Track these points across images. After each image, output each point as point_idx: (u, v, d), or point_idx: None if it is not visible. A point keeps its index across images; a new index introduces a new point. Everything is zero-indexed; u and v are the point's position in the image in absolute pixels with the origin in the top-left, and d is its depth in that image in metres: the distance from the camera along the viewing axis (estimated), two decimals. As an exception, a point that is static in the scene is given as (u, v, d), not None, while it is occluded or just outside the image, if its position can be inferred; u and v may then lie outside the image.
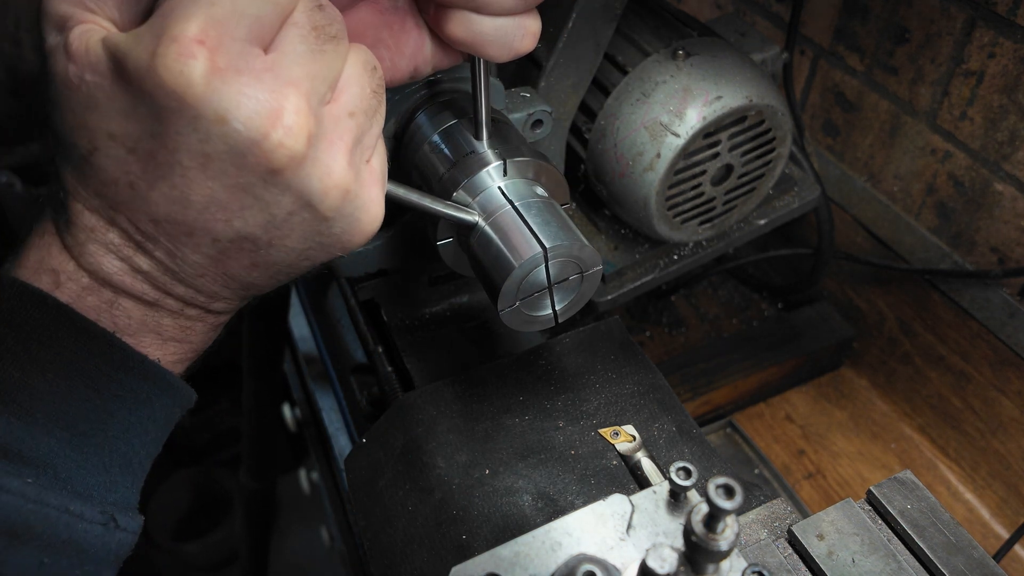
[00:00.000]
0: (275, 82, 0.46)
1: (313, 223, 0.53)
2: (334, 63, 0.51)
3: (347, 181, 0.52)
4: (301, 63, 0.48)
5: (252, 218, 0.50)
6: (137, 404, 0.56)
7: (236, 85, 0.45)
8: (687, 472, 0.55)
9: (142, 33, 0.45)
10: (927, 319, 1.41)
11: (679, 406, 0.88)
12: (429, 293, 1.07)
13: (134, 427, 0.56)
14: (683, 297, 1.67)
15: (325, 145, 0.50)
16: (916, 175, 1.37)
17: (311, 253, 0.56)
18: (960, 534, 0.66)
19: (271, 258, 0.55)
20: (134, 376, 0.56)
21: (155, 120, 0.45)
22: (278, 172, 0.48)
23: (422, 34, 0.63)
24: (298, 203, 0.51)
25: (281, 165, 0.47)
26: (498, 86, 0.87)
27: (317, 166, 0.49)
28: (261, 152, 0.46)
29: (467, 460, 0.81)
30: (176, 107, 0.44)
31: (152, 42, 0.44)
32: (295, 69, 0.48)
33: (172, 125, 0.45)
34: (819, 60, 1.48)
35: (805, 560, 0.66)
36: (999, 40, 1.16)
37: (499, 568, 0.54)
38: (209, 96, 0.44)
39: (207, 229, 0.51)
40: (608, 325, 0.96)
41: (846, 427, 1.49)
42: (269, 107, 0.46)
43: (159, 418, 0.59)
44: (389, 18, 0.61)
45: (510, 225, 0.71)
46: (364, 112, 0.53)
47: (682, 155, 1.06)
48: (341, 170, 0.51)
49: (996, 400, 1.33)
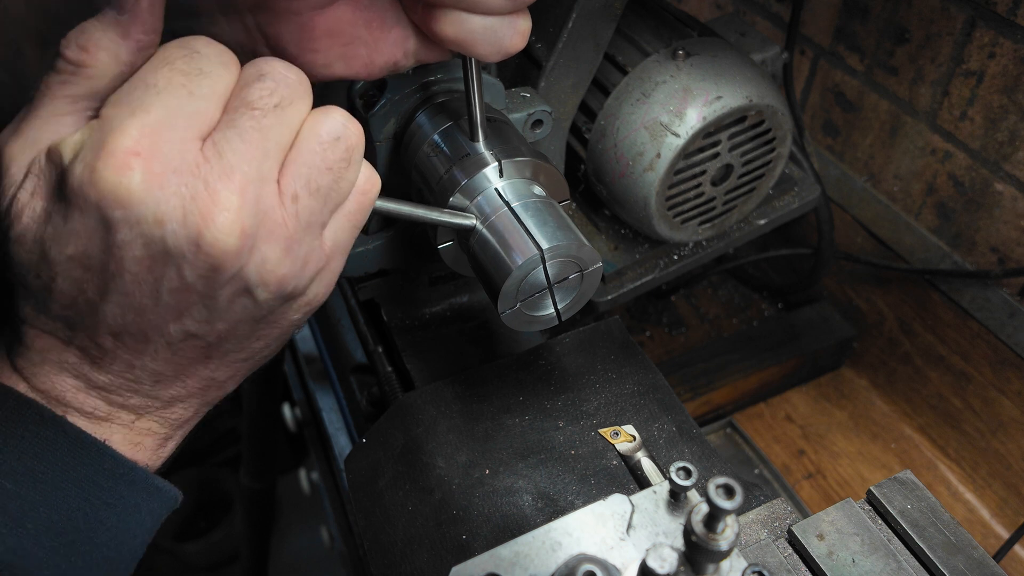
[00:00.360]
0: (210, 174, 0.47)
1: (255, 310, 0.53)
2: (280, 136, 0.50)
3: (284, 270, 0.51)
4: (238, 147, 0.48)
5: (199, 314, 0.51)
6: (126, 511, 0.56)
7: (172, 187, 0.46)
8: (687, 472, 0.55)
9: (82, 146, 0.46)
10: (927, 319, 1.41)
11: (679, 406, 0.88)
12: (429, 293, 1.07)
13: (123, 533, 0.56)
14: (683, 297, 1.67)
15: (263, 235, 0.49)
16: (916, 175, 1.37)
17: (263, 337, 0.56)
18: (960, 534, 0.66)
19: (224, 349, 0.55)
20: (124, 483, 0.55)
21: (104, 231, 0.46)
22: (216, 268, 0.48)
23: (404, 30, 0.62)
24: (238, 294, 0.51)
25: (217, 262, 0.48)
26: (498, 86, 0.87)
27: (253, 257, 0.49)
28: (198, 250, 0.47)
29: (467, 460, 0.81)
30: (120, 216, 0.46)
31: (92, 156, 0.45)
32: (231, 156, 0.48)
33: (118, 234, 0.46)
34: (819, 60, 1.48)
35: (805, 560, 0.66)
36: (999, 40, 1.16)
37: (499, 568, 0.54)
38: (147, 202, 0.45)
39: (161, 332, 0.51)
40: (608, 325, 0.96)
41: (846, 427, 1.49)
42: (202, 205, 0.46)
43: (146, 522, 0.58)
44: (368, 14, 0.60)
45: (507, 227, 0.71)
46: (313, 193, 0.52)
47: (682, 155, 1.06)
48: (276, 260, 0.51)
49: (996, 400, 1.33)
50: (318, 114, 0.53)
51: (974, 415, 1.38)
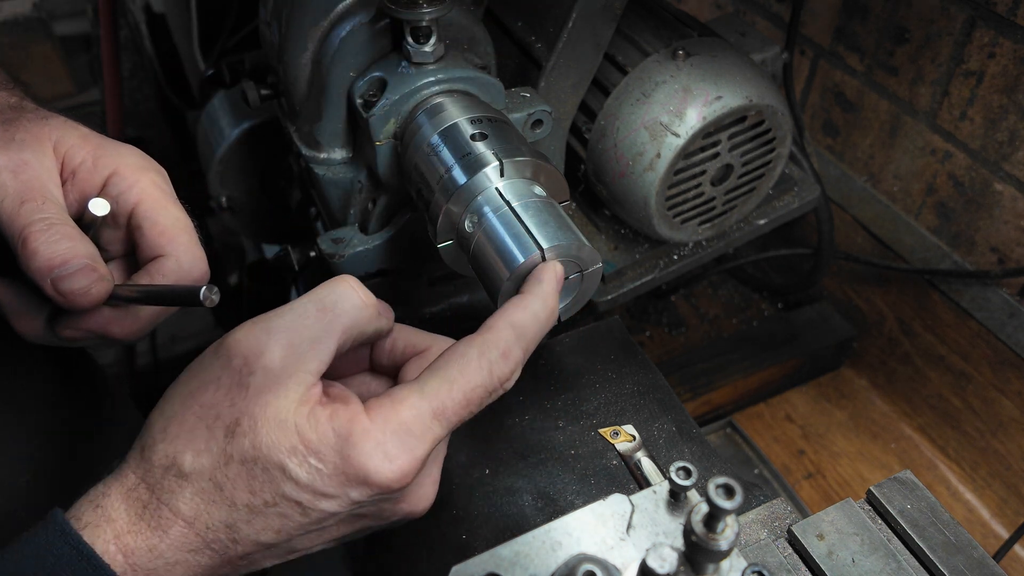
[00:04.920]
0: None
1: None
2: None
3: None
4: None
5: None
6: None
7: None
8: (687, 472, 0.55)
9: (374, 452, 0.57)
10: (927, 319, 1.41)
11: (679, 406, 0.88)
12: (429, 293, 1.07)
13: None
14: (683, 297, 1.67)
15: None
16: (916, 175, 1.37)
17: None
18: (960, 534, 0.66)
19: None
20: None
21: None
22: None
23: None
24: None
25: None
26: (498, 86, 0.87)
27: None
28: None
29: (467, 460, 0.81)
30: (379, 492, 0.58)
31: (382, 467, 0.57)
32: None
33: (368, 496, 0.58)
34: (819, 60, 1.48)
35: (805, 560, 0.66)
36: (999, 40, 1.16)
37: (499, 568, 0.54)
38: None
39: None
40: (608, 325, 0.96)
41: (846, 427, 1.49)
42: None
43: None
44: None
45: (508, 226, 0.71)
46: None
47: (682, 155, 1.06)
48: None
49: (996, 400, 1.33)
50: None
51: (974, 415, 1.38)
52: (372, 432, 0.57)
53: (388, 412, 0.58)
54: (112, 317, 0.69)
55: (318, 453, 0.56)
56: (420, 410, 0.58)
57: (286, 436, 0.56)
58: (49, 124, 0.70)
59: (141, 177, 0.70)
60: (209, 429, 0.57)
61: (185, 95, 2.04)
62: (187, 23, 1.59)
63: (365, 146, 0.89)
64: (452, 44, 0.87)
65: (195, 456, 0.56)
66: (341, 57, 0.86)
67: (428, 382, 0.60)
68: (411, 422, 0.58)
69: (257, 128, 1.31)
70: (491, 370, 0.61)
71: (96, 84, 2.45)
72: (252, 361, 0.58)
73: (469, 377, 0.60)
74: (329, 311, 0.61)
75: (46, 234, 0.63)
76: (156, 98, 2.24)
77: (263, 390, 0.57)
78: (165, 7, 1.99)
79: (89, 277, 0.63)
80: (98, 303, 0.65)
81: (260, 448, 0.56)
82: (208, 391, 0.58)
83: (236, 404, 0.57)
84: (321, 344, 0.60)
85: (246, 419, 0.56)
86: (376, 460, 0.56)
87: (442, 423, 0.59)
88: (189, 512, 0.56)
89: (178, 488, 0.56)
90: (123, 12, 2.06)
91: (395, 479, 0.57)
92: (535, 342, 0.65)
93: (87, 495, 0.58)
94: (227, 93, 1.35)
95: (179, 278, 0.69)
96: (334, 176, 0.93)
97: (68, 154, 0.69)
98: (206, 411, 0.57)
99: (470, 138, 0.77)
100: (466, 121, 0.79)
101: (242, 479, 0.56)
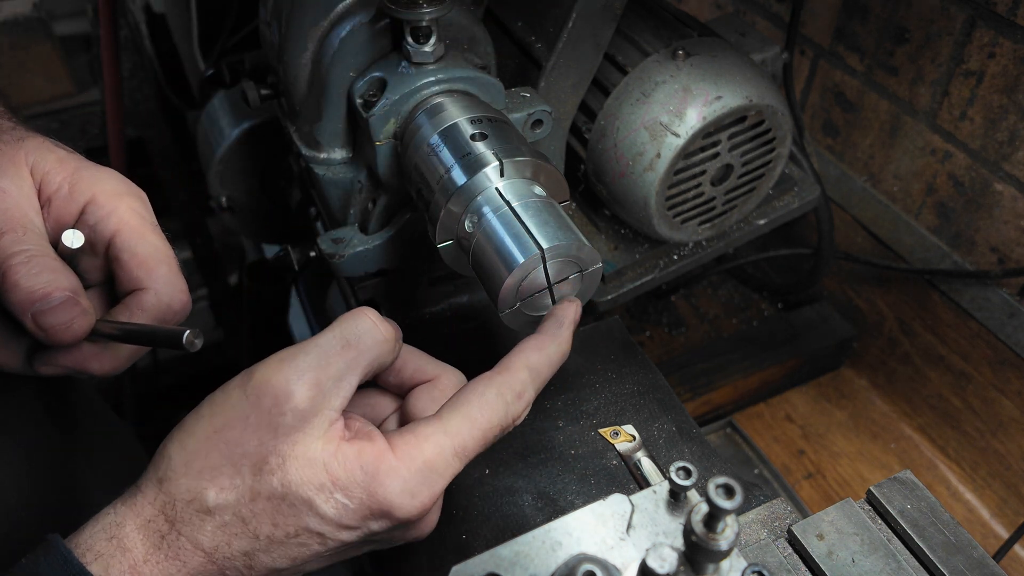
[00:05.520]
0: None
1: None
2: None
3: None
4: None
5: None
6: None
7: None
8: (687, 472, 0.55)
9: (406, 493, 0.59)
10: (927, 319, 1.41)
11: (679, 406, 0.88)
12: (429, 293, 1.07)
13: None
14: (683, 297, 1.67)
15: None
16: (916, 175, 1.37)
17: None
18: (960, 534, 0.66)
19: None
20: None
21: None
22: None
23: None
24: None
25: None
26: (498, 86, 0.87)
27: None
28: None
29: (467, 460, 0.81)
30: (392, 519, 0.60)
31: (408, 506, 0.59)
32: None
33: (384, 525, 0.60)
34: (819, 60, 1.48)
35: (805, 560, 0.66)
36: (999, 40, 1.16)
37: (499, 568, 0.54)
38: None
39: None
40: (608, 325, 0.96)
41: (846, 427, 1.49)
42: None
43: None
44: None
45: (508, 226, 0.71)
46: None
47: (682, 155, 1.06)
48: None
49: (996, 400, 1.33)
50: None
51: (974, 415, 1.38)
52: (399, 471, 0.58)
53: (413, 450, 0.59)
54: (91, 353, 0.68)
55: (346, 490, 0.57)
56: (443, 448, 0.60)
57: (315, 474, 0.57)
58: (24, 147, 0.68)
59: (119, 204, 0.68)
60: (235, 466, 0.57)
61: (185, 95, 2.04)
62: (187, 23, 1.59)
63: (365, 146, 0.89)
64: (452, 44, 0.87)
65: (219, 492, 0.57)
66: (341, 57, 0.86)
67: (450, 420, 0.61)
68: (435, 459, 0.59)
69: (257, 128, 1.31)
70: (507, 411, 0.63)
71: (96, 84, 2.45)
72: (282, 403, 0.58)
73: (488, 416, 0.62)
74: (353, 348, 0.62)
75: (27, 266, 0.62)
76: (156, 98, 2.24)
77: (292, 431, 0.58)
78: (165, 7, 2.00)
79: (71, 312, 0.62)
80: (79, 339, 0.64)
81: (289, 486, 0.57)
82: (235, 429, 0.58)
83: (265, 443, 0.57)
84: (344, 381, 0.61)
85: (274, 458, 0.57)
86: (402, 497, 0.58)
87: (461, 459, 0.61)
88: (210, 545, 0.57)
89: (199, 522, 0.57)
90: (123, 12, 2.06)
91: (416, 513, 0.59)
92: (546, 381, 0.67)
93: (96, 524, 0.58)
94: (227, 93, 1.35)
95: (158, 312, 0.67)
96: (334, 176, 0.93)
97: (45, 180, 0.67)
98: (232, 449, 0.58)
99: (470, 138, 0.77)
100: (466, 121, 0.79)
101: (267, 514, 0.57)
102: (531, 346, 0.67)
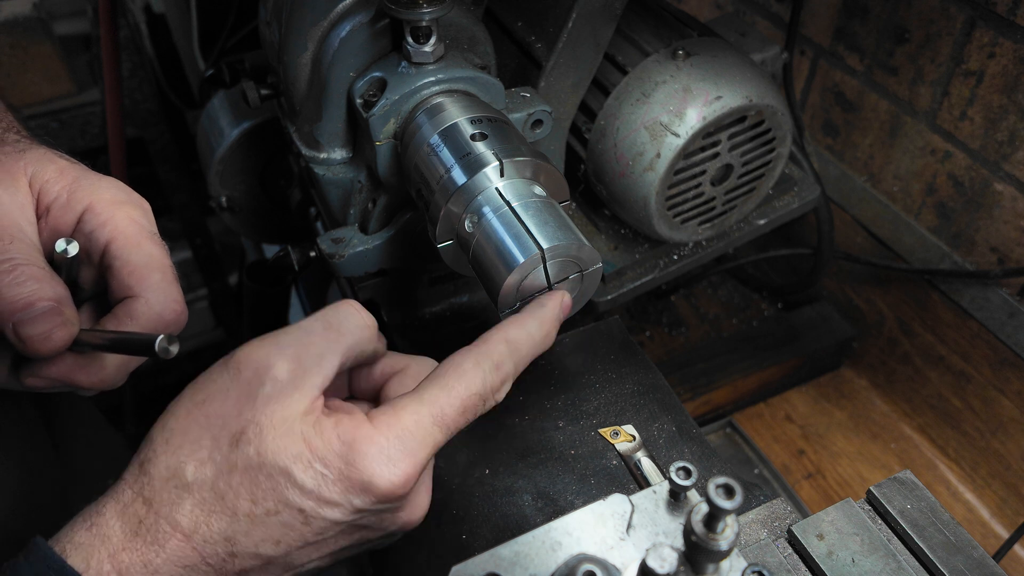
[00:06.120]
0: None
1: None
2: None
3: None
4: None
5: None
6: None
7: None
8: (687, 472, 0.55)
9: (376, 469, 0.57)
10: (927, 319, 1.41)
11: (679, 406, 0.88)
12: (429, 293, 1.07)
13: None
14: (683, 297, 1.67)
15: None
16: (916, 175, 1.37)
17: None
18: (960, 534, 0.66)
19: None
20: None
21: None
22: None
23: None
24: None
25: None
26: (498, 86, 0.87)
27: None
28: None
29: (467, 460, 0.81)
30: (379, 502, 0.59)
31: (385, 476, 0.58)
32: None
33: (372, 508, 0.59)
34: (819, 60, 1.48)
35: (805, 560, 0.66)
36: (999, 40, 1.16)
37: (499, 568, 0.54)
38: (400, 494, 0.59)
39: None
40: (608, 325, 0.96)
41: (846, 427, 1.49)
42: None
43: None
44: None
45: (508, 226, 0.71)
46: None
47: (682, 155, 1.06)
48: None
49: (996, 400, 1.33)
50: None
51: (974, 415, 1.38)
52: (376, 438, 0.57)
53: (390, 419, 0.59)
54: (76, 365, 0.66)
55: (324, 459, 0.56)
56: (421, 416, 0.59)
57: (292, 442, 0.56)
58: (25, 157, 0.68)
59: (116, 213, 0.67)
60: (214, 439, 0.57)
61: (185, 95, 2.05)
62: (187, 23, 1.59)
63: (365, 146, 0.89)
64: (452, 44, 0.87)
65: (198, 466, 0.56)
66: (341, 57, 0.86)
67: (427, 389, 0.61)
68: (413, 427, 0.59)
69: (257, 128, 1.31)
70: (484, 380, 0.62)
71: (96, 84, 2.45)
72: (262, 373, 0.58)
73: (466, 384, 0.62)
74: (334, 330, 0.62)
75: (10, 276, 0.61)
76: (156, 98, 2.24)
77: (270, 400, 0.57)
78: (165, 7, 2.00)
79: (52, 321, 0.61)
80: (60, 350, 0.62)
81: (265, 455, 0.56)
82: (216, 401, 0.58)
83: (243, 414, 0.57)
84: (325, 360, 0.61)
85: (252, 427, 0.57)
86: (380, 465, 0.57)
87: (442, 428, 0.60)
88: (188, 524, 0.56)
89: (178, 499, 0.56)
90: (123, 12, 2.06)
91: (399, 483, 0.57)
92: (527, 360, 0.67)
93: (80, 515, 0.57)
94: (227, 93, 1.35)
95: (149, 320, 0.66)
96: (334, 176, 0.93)
97: (43, 189, 0.67)
98: (212, 421, 0.57)
99: (470, 138, 0.77)
100: (466, 121, 0.79)
101: (245, 487, 0.56)
102: (511, 321, 0.67)
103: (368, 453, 0.57)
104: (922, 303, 1.41)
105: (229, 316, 2.61)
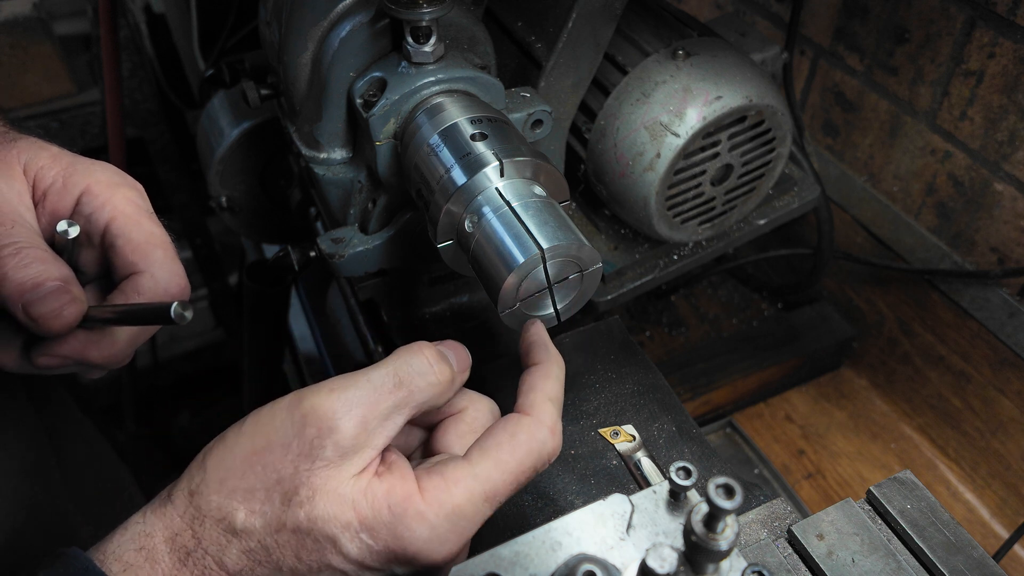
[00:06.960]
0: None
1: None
2: None
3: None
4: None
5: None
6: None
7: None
8: (687, 472, 0.55)
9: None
10: (927, 319, 1.41)
11: (679, 406, 0.88)
12: (429, 293, 1.07)
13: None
14: (683, 297, 1.67)
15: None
16: (916, 175, 1.37)
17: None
18: (960, 534, 0.66)
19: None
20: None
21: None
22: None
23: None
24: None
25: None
26: (498, 86, 0.87)
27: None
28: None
29: (467, 460, 0.81)
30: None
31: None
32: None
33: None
34: (819, 60, 1.48)
35: (805, 560, 0.66)
36: (999, 40, 1.16)
37: (499, 568, 0.54)
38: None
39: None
40: (608, 325, 0.96)
41: (846, 427, 1.49)
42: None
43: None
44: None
45: (508, 226, 0.71)
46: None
47: (682, 155, 1.06)
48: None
49: (996, 400, 1.33)
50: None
51: (974, 415, 1.38)
52: (427, 516, 0.57)
53: (442, 495, 0.58)
54: (88, 341, 0.67)
55: (371, 529, 0.57)
56: (473, 493, 0.59)
57: (343, 511, 0.57)
58: (17, 146, 0.68)
59: (113, 194, 0.68)
60: (267, 492, 0.57)
61: (185, 95, 2.05)
62: (187, 23, 1.59)
63: (365, 146, 0.89)
64: (452, 44, 0.87)
65: (248, 515, 0.57)
66: (341, 57, 0.86)
67: (480, 463, 0.60)
68: (464, 505, 0.58)
69: (257, 128, 1.31)
70: (541, 450, 0.62)
71: (96, 84, 2.45)
72: (325, 435, 0.58)
73: (520, 459, 0.61)
74: (405, 388, 0.61)
75: (15, 258, 0.62)
76: (156, 98, 2.24)
77: (329, 464, 0.57)
78: (165, 7, 2.00)
79: (61, 299, 0.62)
80: (71, 326, 0.63)
81: (315, 521, 0.56)
82: (275, 452, 0.58)
83: (299, 473, 0.57)
84: (390, 420, 0.60)
85: (304, 489, 0.57)
86: (429, 544, 0.57)
87: (492, 504, 0.60)
88: (234, 568, 0.57)
89: (227, 543, 0.57)
90: (123, 12, 2.06)
91: (442, 560, 0.58)
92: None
93: (125, 532, 0.57)
94: (227, 93, 1.35)
95: (155, 295, 0.67)
96: (334, 176, 0.93)
97: (38, 176, 0.68)
98: (268, 472, 0.57)
99: (470, 138, 0.77)
100: (466, 121, 0.79)
101: (291, 547, 0.57)
102: (541, 375, 0.66)
103: (417, 532, 0.57)
104: (922, 303, 1.41)
105: (229, 316, 2.61)
